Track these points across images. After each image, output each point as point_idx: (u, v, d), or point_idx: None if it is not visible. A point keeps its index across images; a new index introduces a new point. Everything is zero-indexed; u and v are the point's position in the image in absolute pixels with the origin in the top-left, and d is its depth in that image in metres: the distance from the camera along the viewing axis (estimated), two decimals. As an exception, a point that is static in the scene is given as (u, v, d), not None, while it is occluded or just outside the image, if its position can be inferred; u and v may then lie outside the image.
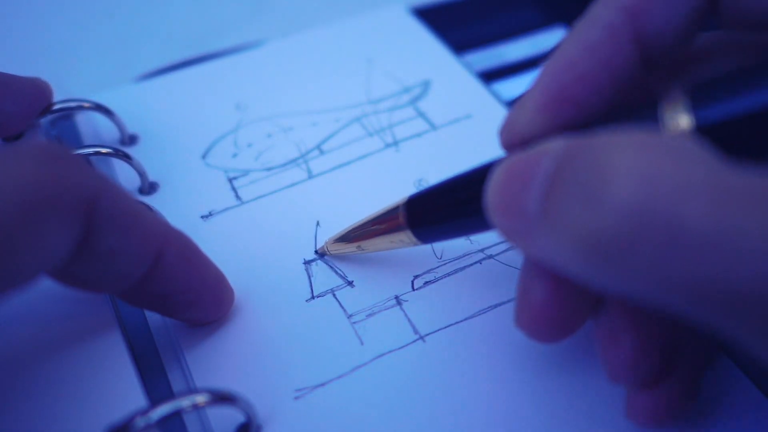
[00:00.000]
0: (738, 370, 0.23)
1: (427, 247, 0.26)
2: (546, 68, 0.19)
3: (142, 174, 0.29)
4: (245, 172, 0.30)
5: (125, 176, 0.29)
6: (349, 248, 0.26)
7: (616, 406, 0.22)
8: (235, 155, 0.31)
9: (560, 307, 0.19)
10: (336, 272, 0.26)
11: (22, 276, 0.18)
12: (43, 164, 0.18)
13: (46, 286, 0.21)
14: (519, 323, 0.20)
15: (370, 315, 0.24)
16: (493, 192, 0.18)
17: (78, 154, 0.20)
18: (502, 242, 0.27)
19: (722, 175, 0.14)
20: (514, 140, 0.20)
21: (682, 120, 0.16)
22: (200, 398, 0.20)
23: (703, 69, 0.20)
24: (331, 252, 0.26)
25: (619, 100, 0.19)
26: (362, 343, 0.24)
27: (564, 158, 0.16)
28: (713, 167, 0.14)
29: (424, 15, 0.38)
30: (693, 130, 0.16)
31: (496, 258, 0.26)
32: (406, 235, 0.23)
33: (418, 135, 0.31)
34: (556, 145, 0.17)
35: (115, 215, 0.20)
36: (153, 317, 0.25)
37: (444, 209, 0.22)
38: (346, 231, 0.26)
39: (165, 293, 0.22)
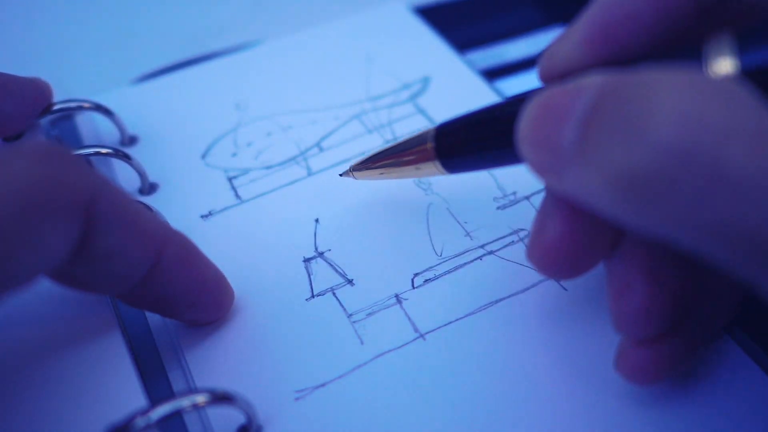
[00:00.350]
0: (740, 350, 0.23)
1: (427, 244, 0.26)
2: (594, 3, 0.19)
3: (141, 174, 0.29)
4: (245, 171, 0.30)
5: (125, 177, 0.29)
6: (374, 173, 0.25)
7: (618, 405, 0.22)
8: (234, 154, 0.31)
9: (574, 243, 0.19)
10: (336, 270, 0.26)
11: (20, 277, 0.18)
12: (42, 165, 0.18)
13: (45, 286, 0.21)
14: (530, 256, 0.20)
15: (370, 314, 0.24)
16: (526, 125, 0.18)
17: (77, 154, 0.20)
18: (502, 238, 0.26)
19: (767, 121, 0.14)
20: (552, 72, 0.20)
21: (727, 63, 0.16)
22: (200, 398, 0.20)
23: (754, 20, 0.20)
24: (356, 176, 0.26)
25: (667, 43, 0.19)
26: (362, 343, 0.24)
27: (604, 93, 0.16)
28: (759, 112, 0.14)
29: (425, 14, 0.38)
30: (738, 73, 0.16)
31: (496, 254, 0.26)
32: (434, 165, 0.23)
33: (418, 132, 0.31)
34: (596, 80, 0.17)
35: (114, 216, 0.20)
36: (153, 317, 0.25)
37: (474, 141, 0.22)
38: (371, 155, 0.25)
39: (165, 295, 0.22)
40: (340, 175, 0.27)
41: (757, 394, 0.22)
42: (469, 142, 0.22)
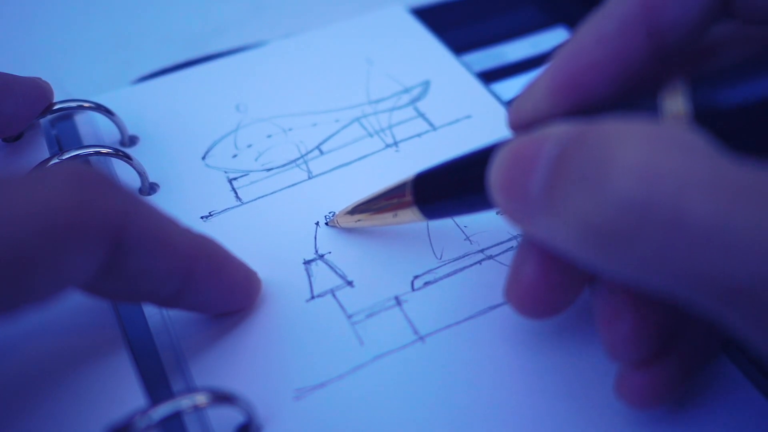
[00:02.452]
0: (737, 371, 0.23)
1: (427, 247, 0.26)
2: (558, 54, 0.20)
3: (142, 174, 0.29)
4: (245, 173, 0.30)
5: (125, 177, 0.29)
6: (357, 222, 0.26)
7: (615, 409, 0.22)
8: (235, 156, 0.31)
9: (550, 285, 0.20)
10: (336, 272, 0.26)
11: (40, 295, 0.19)
12: (74, 189, 0.19)
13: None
14: (508, 297, 0.21)
15: (369, 315, 0.25)
16: (496, 172, 0.18)
17: (111, 176, 0.20)
18: (501, 243, 0.27)
19: (724, 170, 0.14)
20: (520, 122, 0.20)
21: (680, 107, 0.17)
22: (200, 398, 0.20)
23: (713, 62, 0.20)
24: (340, 224, 0.27)
25: (628, 90, 0.19)
26: (362, 344, 0.24)
27: (567, 144, 0.17)
28: (715, 161, 0.15)
29: (423, 15, 0.38)
30: (690, 117, 0.16)
31: (495, 258, 0.26)
32: (413, 212, 0.24)
33: (418, 135, 0.31)
34: (559, 131, 0.17)
35: (145, 238, 0.20)
36: (153, 317, 0.25)
37: (449, 187, 0.22)
38: (354, 205, 0.26)
39: (197, 302, 0.23)
40: (327, 224, 0.27)
41: (754, 415, 0.22)
42: (443, 188, 0.23)
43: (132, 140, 0.31)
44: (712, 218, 0.14)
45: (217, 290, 0.23)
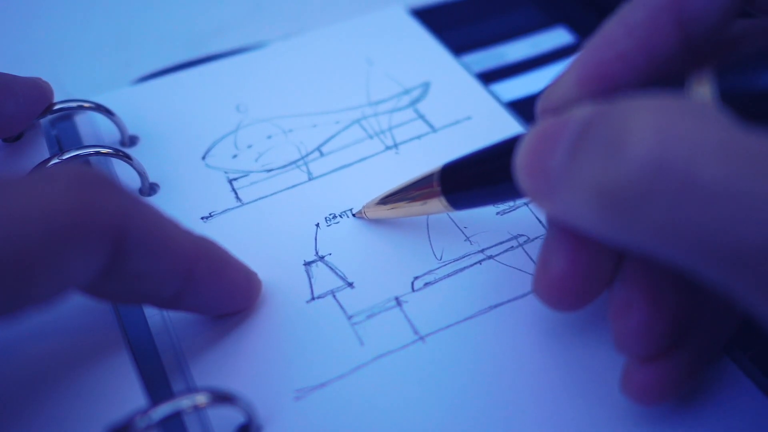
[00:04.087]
0: (738, 371, 0.23)
1: (427, 248, 0.27)
2: (587, 45, 0.20)
3: (142, 175, 0.29)
4: (245, 174, 0.30)
5: (125, 177, 0.29)
6: (385, 212, 0.27)
7: (618, 408, 0.22)
8: (235, 156, 0.31)
9: (578, 277, 0.20)
10: (336, 274, 0.26)
11: (41, 298, 0.19)
12: (74, 190, 0.19)
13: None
14: (536, 290, 0.21)
15: (370, 316, 0.25)
16: (521, 154, 0.19)
17: (111, 177, 0.20)
18: (501, 243, 0.27)
19: (737, 137, 0.15)
20: (548, 110, 0.21)
21: (706, 91, 0.17)
22: (200, 398, 0.20)
23: (737, 53, 0.21)
24: (368, 216, 0.27)
25: (654, 81, 0.19)
26: (362, 344, 0.24)
27: (589, 120, 0.17)
28: (727, 128, 0.15)
29: (423, 16, 0.38)
30: (716, 100, 0.17)
31: (495, 259, 0.26)
32: (440, 202, 0.24)
33: (418, 137, 0.31)
34: (582, 110, 0.18)
35: (145, 240, 0.20)
36: (153, 317, 0.25)
37: (476, 177, 0.23)
38: (383, 196, 0.27)
39: (197, 303, 0.23)
40: (353, 215, 0.28)
41: (755, 414, 0.22)
42: (471, 179, 0.23)
43: (132, 140, 0.31)
44: (722, 182, 0.14)
45: (218, 291, 0.23)
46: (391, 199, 0.26)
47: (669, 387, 0.20)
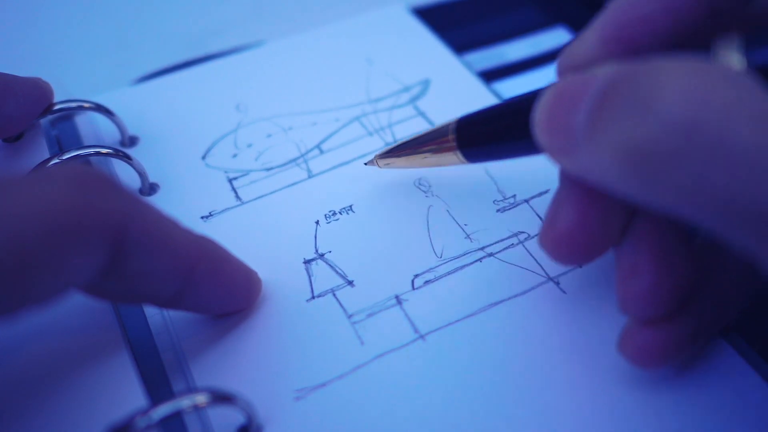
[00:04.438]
0: (737, 355, 0.23)
1: (427, 246, 0.26)
2: (611, 6, 0.20)
3: (142, 174, 0.29)
4: (245, 173, 0.30)
5: (125, 177, 0.29)
6: (398, 162, 0.27)
7: (617, 407, 0.22)
8: (235, 155, 0.31)
9: (585, 233, 0.20)
10: (336, 272, 0.26)
11: (41, 297, 0.19)
12: (75, 190, 0.19)
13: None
14: (542, 244, 0.21)
15: (370, 315, 0.24)
16: (541, 110, 0.19)
17: (112, 177, 0.20)
18: (502, 240, 0.27)
19: None
20: (569, 68, 0.21)
21: (734, 59, 0.17)
22: (200, 398, 0.20)
23: (764, 22, 0.21)
24: (380, 165, 0.28)
25: (678, 44, 0.19)
26: (362, 343, 0.24)
27: (615, 78, 0.17)
28: (761, 94, 0.15)
29: (424, 15, 0.38)
30: (744, 68, 0.17)
31: (496, 256, 0.26)
32: (455, 155, 0.24)
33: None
34: (609, 68, 0.18)
35: (146, 240, 0.20)
36: (153, 317, 0.25)
37: (493, 132, 0.23)
38: (395, 145, 0.27)
39: (198, 303, 0.23)
40: (365, 163, 0.28)
41: (754, 399, 0.22)
42: (487, 132, 0.23)
43: (132, 140, 0.31)
44: (754, 145, 0.14)
45: (218, 291, 0.23)
46: (403, 148, 0.26)
47: (668, 351, 0.21)
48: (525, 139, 0.20)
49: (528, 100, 0.21)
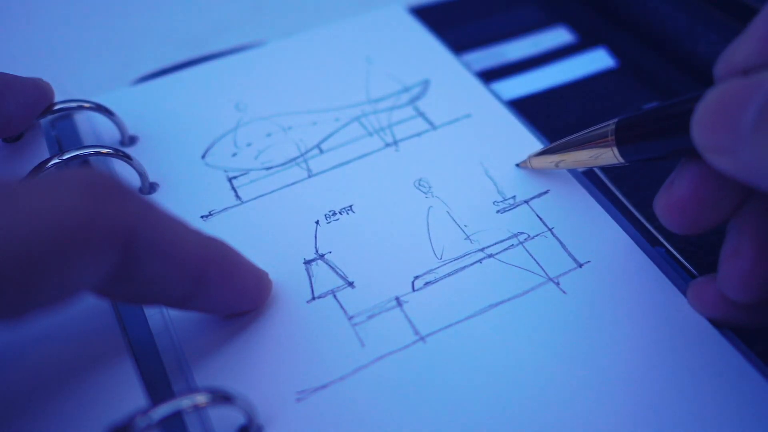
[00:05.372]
0: (737, 355, 0.23)
1: (427, 247, 0.26)
2: (766, 9, 0.20)
3: (142, 174, 0.29)
4: (245, 172, 0.30)
5: (125, 177, 0.29)
6: (551, 162, 0.27)
7: (620, 405, 0.22)
8: (234, 155, 0.31)
9: (698, 201, 0.21)
10: (336, 273, 0.26)
11: (51, 301, 0.19)
12: (84, 195, 0.18)
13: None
14: (657, 206, 0.23)
15: (370, 316, 0.24)
16: (704, 109, 0.19)
17: (122, 181, 0.20)
18: (502, 242, 0.27)
19: None
20: (730, 71, 0.21)
21: None
22: (201, 398, 0.20)
23: None
24: (533, 165, 0.28)
25: None
26: (363, 345, 0.24)
27: None
28: None
29: (423, 14, 0.38)
30: None
31: (496, 257, 0.26)
32: (613, 152, 0.25)
33: (418, 134, 0.31)
34: None
35: (156, 244, 0.20)
36: (153, 317, 0.25)
37: (652, 131, 0.23)
38: (548, 147, 0.28)
39: (208, 306, 0.23)
40: (517, 165, 0.29)
41: (753, 397, 0.22)
42: (646, 133, 0.24)
43: (132, 140, 0.31)
44: None
45: (229, 293, 0.23)
46: (558, 149, 0.27)
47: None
48: (683, 136, 0.20)
49: (689, 102, 0.21)
